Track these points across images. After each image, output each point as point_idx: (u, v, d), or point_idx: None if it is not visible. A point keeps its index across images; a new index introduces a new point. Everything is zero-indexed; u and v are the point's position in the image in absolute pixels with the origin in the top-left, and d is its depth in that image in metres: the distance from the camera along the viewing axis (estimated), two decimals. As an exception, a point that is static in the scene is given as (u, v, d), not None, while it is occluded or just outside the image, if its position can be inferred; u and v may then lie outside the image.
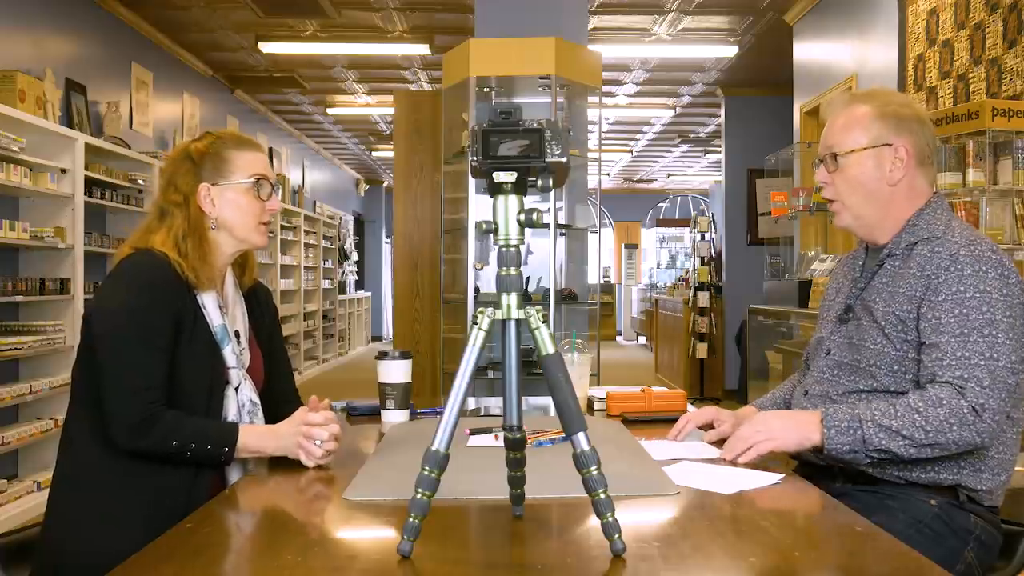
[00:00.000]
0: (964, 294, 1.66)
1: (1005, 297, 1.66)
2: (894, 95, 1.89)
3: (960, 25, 4.30)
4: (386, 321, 16.07)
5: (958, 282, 1.67)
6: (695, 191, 16.73)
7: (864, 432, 1.62)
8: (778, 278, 6.24)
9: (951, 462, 1.69)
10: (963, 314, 1.65)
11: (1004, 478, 1.74)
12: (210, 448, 1.66)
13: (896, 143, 1.80)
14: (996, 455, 1.71)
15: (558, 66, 4.36)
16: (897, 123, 1.81)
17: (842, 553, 1.25)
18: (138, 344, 1.66)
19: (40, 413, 4.82)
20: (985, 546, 1.70)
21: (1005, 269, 1.68)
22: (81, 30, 5.94)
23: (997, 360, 1.61)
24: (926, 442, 1.60)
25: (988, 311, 1.64)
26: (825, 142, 1.87)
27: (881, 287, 1.80)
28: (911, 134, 1.81)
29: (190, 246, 1.76)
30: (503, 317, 1.21)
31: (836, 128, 1.85)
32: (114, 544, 1.45)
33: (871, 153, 1.81)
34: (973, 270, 1.67)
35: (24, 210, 4.92)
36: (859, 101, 1.86)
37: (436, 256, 5.15)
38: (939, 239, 1.75)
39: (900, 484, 1.71)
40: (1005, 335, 1.63)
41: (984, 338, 1.63)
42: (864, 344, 1.79)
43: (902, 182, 1.81)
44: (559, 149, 1.20)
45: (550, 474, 1.49)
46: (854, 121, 1.83)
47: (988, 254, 1.69)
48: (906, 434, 1.60)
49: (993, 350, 1.62)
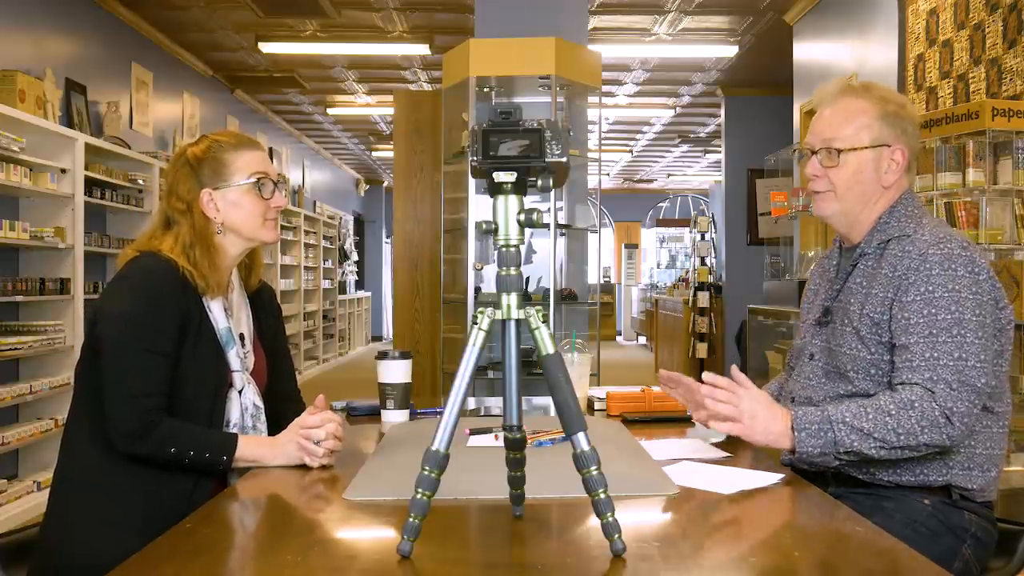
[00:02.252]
0: (933, 294, 1.65)
1: (975, 295, 1.64)
2: (890, 92, 1.86)
3: (960, 25, 4.30)
4: (386, 321, 16.07)
5: (927, 282, 1.66)
6: (695, 191, 16.73)
7: (835, 434, 1.61)
8: (778, 278, 6.24)
9: (939, 463, 1.69)
10: (932, 314, 1.64)
11: (994, 473, 1.74)
12: (208, 456, 1.66)
13: (894, 145, 1.79)
14: (984, 451, 1.71)
15: (558, 66, 4.36)
16: (897, 124, 1.79)
17: (842, 553, 1.24)
18: (141, 349, 1.66)
19: (40, 413, 4.82)
20: (981, 542, 1.70)
21: (975, 266, 1.67)
22: (81, 30, 5.94)
23: (966, 360, 1.60)
24: (897, 444, 1.60)
25: (957, 310, 1.63)
26: (820, 133, 1.82)
27: (856, 288, 1.79)
28: (907, 137, 1.80)
29: (199, 254, 1.76)
30: (503, 317, 1.21)
31: (834, 120, 1.80)
32: (113, 545, 1.45)
33: (871, 153, 1.78)
34: (942, 269, 1.66)
35: (24, 210, 4.92)
36: (856, 95, 1.81)
37: (436, 256, 5.15)
38: (909, 237, 1.74)
39: (891, 487, 1.71)
40: (974, 334, 1.62)
41: (953, 338, 1.61)
42: (840, 349, 1.78)
43: (893, 185, 1.80)
44: (559, 149, 1.20)
45: (550, 474, 1.49)
46: (854, 115, 1.79)
47: (958, 251, 1.67)
48: (877, 436, 1.60)
49: (962, 350, 1.61)
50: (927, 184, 3.87)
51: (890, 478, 1.70)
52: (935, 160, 3.79)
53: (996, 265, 3.60)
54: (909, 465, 1.69)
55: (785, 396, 1.94)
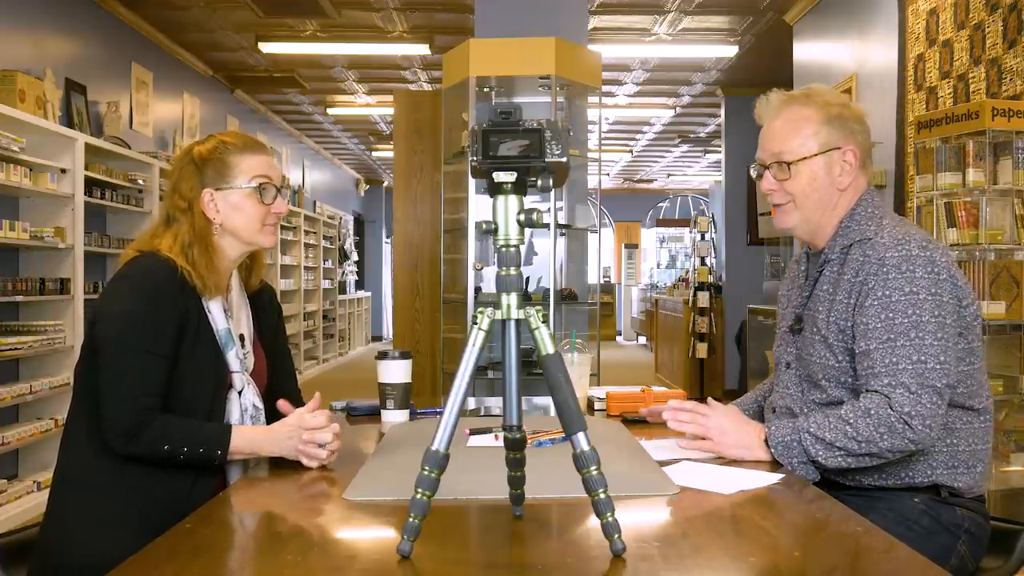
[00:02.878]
0: (890, 298, 1.64)
1: (933, 296, 1.63)
2: (831, 94, 1.84)
3: (960, 25, 4.30)
4: (386, 321, 16.07)
5: (884, 286, 1.66)
6: (695, 191, 16.72)
7: (804, 445, 1.63)
8: (778, 278, 6.24)
9: (923, 463, 1.69)
10: (889, 318, 1.63)
11: (980, 469, 1.74)
12: (202, 451, 1.65)
13: (844, 147, 1.78)
14: (967, 448, 1.71)
15: (558, 66, 4.36)
16: (842, 125, 1.78)
17: (842, 553, 1.25)
18: (138, 350, 1.66)
19: (40, 413, 4.82)
20: (976, 538, 1.71)
21: (934, 266, 1.66)
22: (81, 30, 5.94)
23: (925, 363, 1.60)
24: (860, 452, 1.60)
25: (914, 313, 1.62)
26: (769, 148, 1.82)
27: (823, 295, 1.78)
28: (856, 136, 1.79)
29: (197, 253, 1.76)
30: (503, 317, 1.21)
31: (780, 133, 1.80)
32: (113, 545, 1.45)
33: (821, 160, 1.78)
34: (899, 272, 1.65)
35: (24, 210, 4.92)
36: (798, 103, 1.81)
37: (436, 256, 5.15)
38: (870, 241, 1.73)
39: (879, 490, 1.71)
40: (933, 336, 1.61)
41: (911, 341, 1.61)
42: (811, 358, 1.78)
43: (850, 186, 1.79)
44: (559, 149, 1.20)
45: (550, 474, 1.49)
46: (799, 125, 1.78)
47: (916, 252, 1.66)
48: (839, 445, 1.61)
49: (921, 352, 1.60)
50: (927, 184, 3.87)
51: (875, 482, 1.71)
52: (935, 160, 3.80)
53: (996, 265, 3.61)
54: (893, 468, 1.69)
55: (768, 407, 1.94)
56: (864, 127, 1.82)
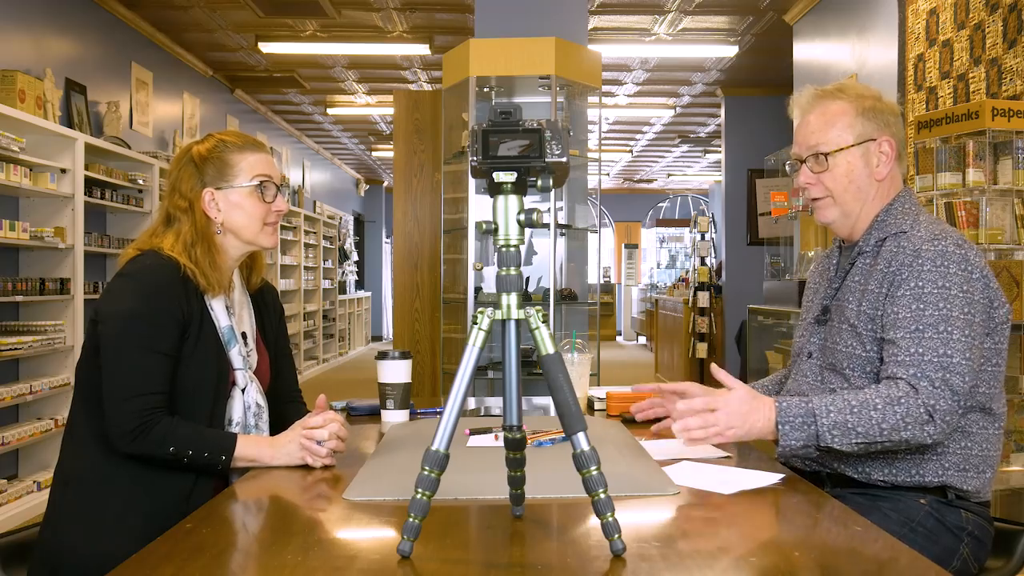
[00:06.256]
0: (923, 289, 1.65)
1: (965, 293, 1.64)
2: (864, 87, 1.86)
3: (960, 25, 4.30)
4: (386, 321, 16.07)
5: (917, 277, 1.66)
6: (695, 191, 16.72)
7: (818, 428, 1.60)
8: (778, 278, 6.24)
9: (935, 463, 1.69)
10: (920, 309, 1.64)
11: (989, 475, 1.74)
12: (207, 456, 1.66)
13: (879, 138, 1.80)
14: (980, 452, 1.71)
15: (558, 66, 4.36)
16: (877, 116, 1.80)
17: (842, 553, 1.24)
18: (141, 349, 1.66)
19: (40, 413, 4.82)
20: (979, 541, 1.71)
21: (968, 264, 1.66)
22: (81, 30, 5.94)
23: (951, 357, 1.60)
24: (879, 439, 1.59)
25: (944, 307, 1.63)
26: (805, 142, 1.83)
27: (854, 286, 1.79)
28: (891, 127, 1.81)
29: (200, 252, 1.76)
30: (503, 317, 1.21)
31: (815, 126, 1.82)
32: (113, 545, 1.46)
33: (858, 150, 1.79)
34: (934, 265, 1.66)
35: (24, 210, 4.92)
36: (831, 97, 1.82)
37: (436, 256, 5.15)
38: (906, 234, 1.74)
39: (887, 487, 1.71)
40: (961, 331, 1.61)
41: (939, 334, 1.61)
42: (837, 346, 1.78)
43: (887, 177, 1.81)
44: (559, 149, 1.20)
45: (550, 474, 1.49)
46: (834, 118, 1.80)
47: (952, 249, 1.67)
48: (861, 431, 1.59)
49: (947, 347, 1.60)
50: (927, 184, 3.87)
51: (885, 478, 1.70)
52: (935, 160, 3.79)
53: (996, 265, 3.60)
54: (904, 465, 1.69)
55: (783, 396, 1.94)
56: (898, 119, 1.83)
